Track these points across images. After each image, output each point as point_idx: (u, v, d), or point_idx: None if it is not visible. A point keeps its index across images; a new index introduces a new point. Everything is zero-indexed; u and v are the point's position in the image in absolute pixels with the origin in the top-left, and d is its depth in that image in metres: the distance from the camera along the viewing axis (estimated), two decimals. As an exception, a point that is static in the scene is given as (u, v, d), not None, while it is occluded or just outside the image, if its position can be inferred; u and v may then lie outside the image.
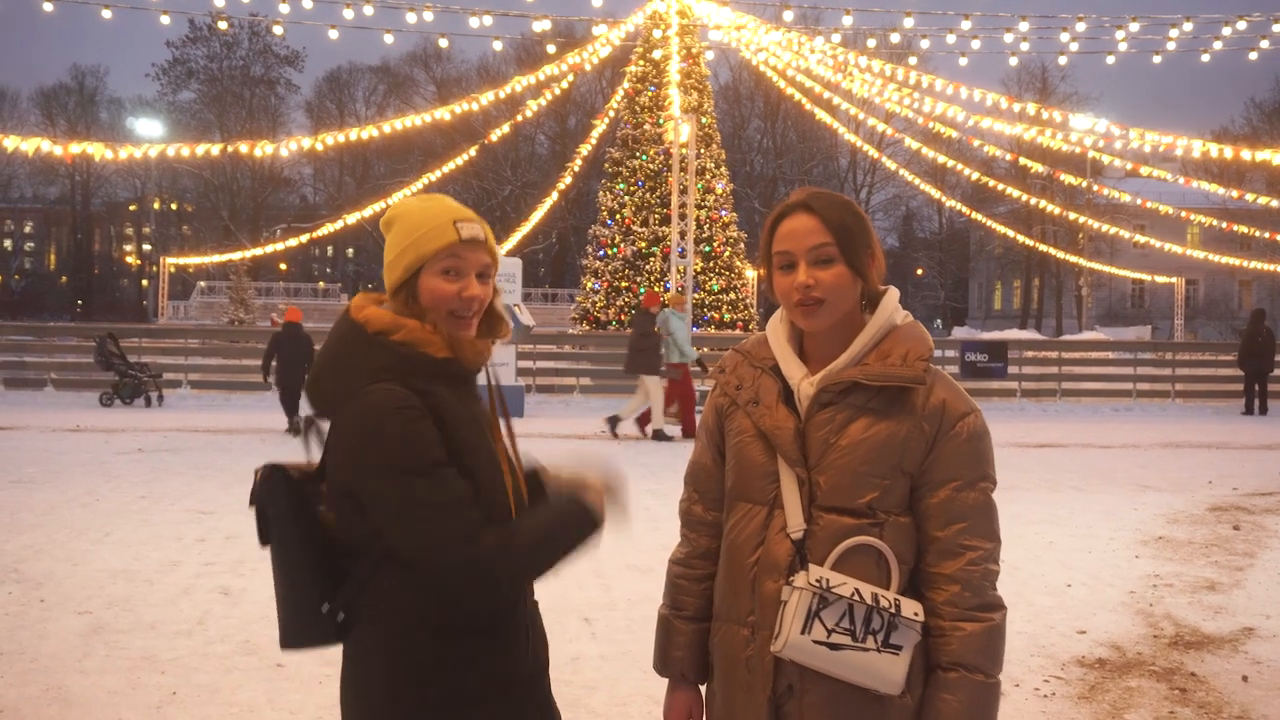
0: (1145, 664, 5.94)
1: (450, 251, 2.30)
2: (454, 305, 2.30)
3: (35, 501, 10.10)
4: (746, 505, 2.36)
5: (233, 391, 22.83)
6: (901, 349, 2.29)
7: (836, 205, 2.33)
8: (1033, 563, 8.27)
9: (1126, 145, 30.36)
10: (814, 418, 2.29)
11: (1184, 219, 43.84)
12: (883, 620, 2.19)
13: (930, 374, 2.30)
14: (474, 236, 2.32)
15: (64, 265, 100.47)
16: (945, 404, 2.29)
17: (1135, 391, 24.79)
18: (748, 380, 2.41)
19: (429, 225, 2.31)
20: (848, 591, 2.18)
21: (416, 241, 2.31)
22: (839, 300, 2.28)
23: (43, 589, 7.04)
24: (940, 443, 2.28)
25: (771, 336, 2.42)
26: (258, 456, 13.35)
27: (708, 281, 30.52)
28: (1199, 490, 12.09)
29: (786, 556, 2.26)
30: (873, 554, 2.24)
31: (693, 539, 2.53)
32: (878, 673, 2.19)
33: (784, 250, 2.31)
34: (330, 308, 70.31)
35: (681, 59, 31.09)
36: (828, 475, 2.26)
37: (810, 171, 79.52)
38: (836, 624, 2.18)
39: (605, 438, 16.39)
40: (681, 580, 2.52)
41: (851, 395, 2.27)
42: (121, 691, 5.21)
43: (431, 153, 61.32)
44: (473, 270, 2.32)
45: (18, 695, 5.12)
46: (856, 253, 2.29)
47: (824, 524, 2.25)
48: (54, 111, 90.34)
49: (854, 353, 2.30)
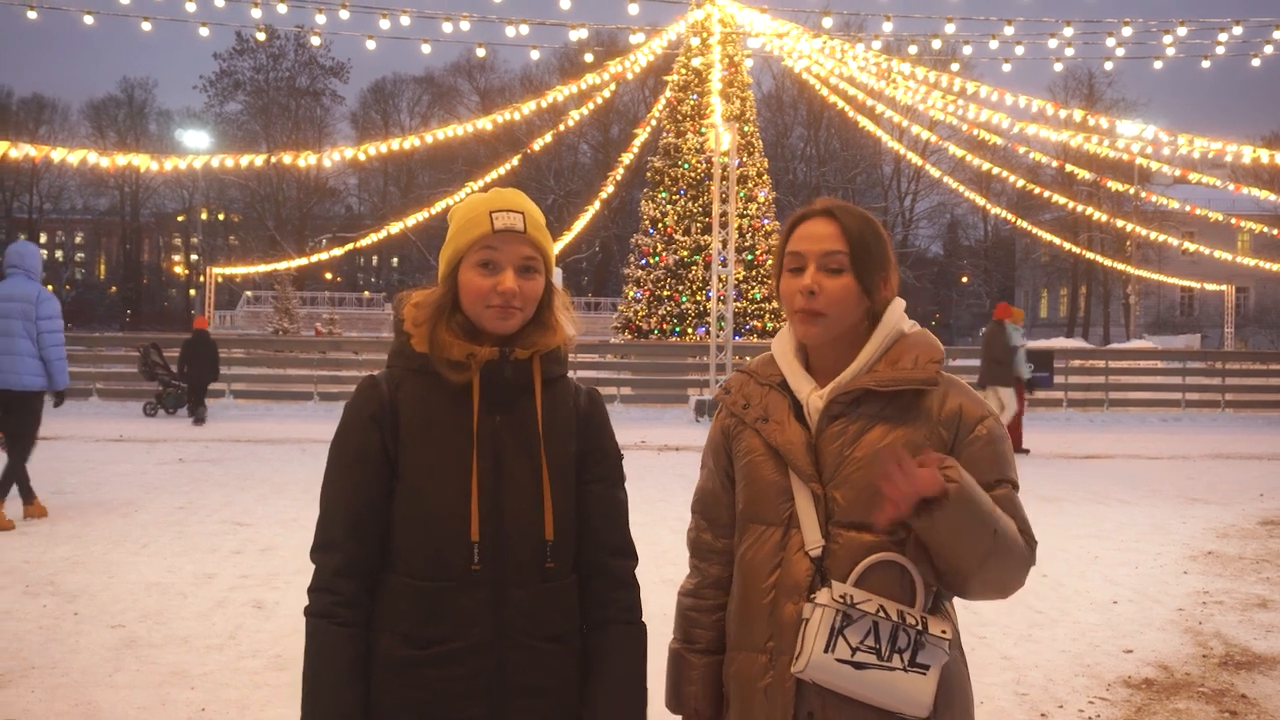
0: (1194, 685, 5.77)
1: (484, 243, 2.21)
2: (489, 299, 2.20)
3: (74, 513, 10.15)
4: (760, 527, 2.28)
5: (276, 401, 22.96)
6: (912, 354, 2.24)
7: (858, 218, 2.27)
8: (1077, 578, 8.10)
9: (1175, 151, 29.94)
10: (826, 431, 2.23)
11: (1234, 225, 43.13)
12: (909, 638, 2.11)
13: (943, 378, 2.24)
14: (509, 226, 2.21)
15: (113, 275, 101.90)
16: (962, 409, 2.22)
17: (1184, 401, 24.46)
18: (755, 398, 2.34)
19: (467, 217, 2.25)
20: (872, 608, 2.10)
21: (455, 234, 2.26)
22: (840, 313, 2.23)
23: (77, 602, 7.04)
24: (960, 448, 2.21)
25: (778, 354, 2.36)
26: (298, 467, 13.43)
27: (750, 290, 30.36)
28: (1250, 503, 11.86)
29: (806, 576, 2.19)
30: (896, 571, 2.16)
31: (703, 569, 2.45)
32: (904, 694, 2.11)
33: (797, 252, 2.26)
34: (375, 316, 70.71)
35: (724, 67, 31.00)
36: (844, 490, 2.19)
37: (854, 180, 79.26)
38: (861, 642, 2.10)
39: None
40: (692, 612, 2.44)
41: (863, 405, 2.22)
42: (150, 708, 5.17)
43: (475, 162, 61.68)
44: (510, 263, 2.21)
45: (47, 710, 5.09)
46: (869, 268, 2.23)
47: (843, 541, 2.18)
48: (104, 123, 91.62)
49: (863, 362, 2.24)
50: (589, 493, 2.32)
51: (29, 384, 9.53)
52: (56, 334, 9.67)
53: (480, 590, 2.17)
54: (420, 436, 2.21)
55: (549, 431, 2.27)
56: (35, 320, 9.53)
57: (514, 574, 2.19)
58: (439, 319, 2.23)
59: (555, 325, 2.30)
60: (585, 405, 2.38)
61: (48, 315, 9.60)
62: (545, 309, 2.29)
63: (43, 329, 9.56)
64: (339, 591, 2.21)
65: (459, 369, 2.20)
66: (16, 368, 9.44)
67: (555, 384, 2.32)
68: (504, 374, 2.23)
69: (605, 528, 2.33)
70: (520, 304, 2.21)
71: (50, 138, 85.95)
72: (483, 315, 2.22)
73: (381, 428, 2.23)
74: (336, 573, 2.22)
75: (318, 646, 2.22)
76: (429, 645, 2.17)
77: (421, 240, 73.08)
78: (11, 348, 9.44)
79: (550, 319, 2.30)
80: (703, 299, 29.72)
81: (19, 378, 9.46)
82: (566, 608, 2.27)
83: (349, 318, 64.79)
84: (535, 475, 2.23)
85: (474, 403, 2.22)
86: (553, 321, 2.30)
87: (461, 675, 2.16)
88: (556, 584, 2.24)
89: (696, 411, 21.16)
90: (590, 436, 2.36)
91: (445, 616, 2.17)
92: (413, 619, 2.18)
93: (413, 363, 2.25)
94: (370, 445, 2.23)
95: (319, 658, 2.22)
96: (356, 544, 2.22)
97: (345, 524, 2.23)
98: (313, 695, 2.22)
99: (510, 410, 2.25)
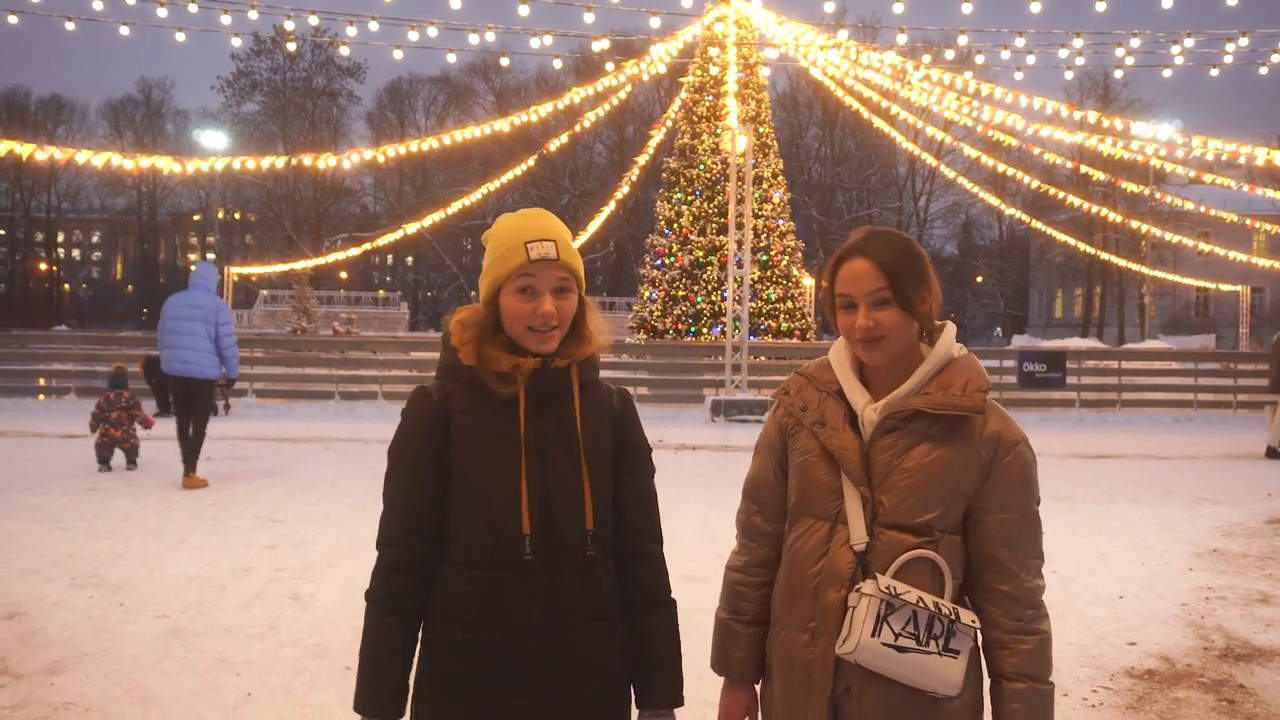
0: (1194, 675, 6.01)
1: (522, 272, 2.45)
2: (530, 322, 2.45)
3: (111, 509, 10.44)
4: (810, 520, 2.56)
5: (296, 400, 23.23)
6: (961, 380, 2.50)
7: (892, 248, 2.52)
8: (1085, 574, 8.34)
9: (1189, 153, 30.04)
10: (878, 441, 2.49)
11: (1249, 226, 43.22)
12: (943, 626, 2.40)
13: (987, 404, 2.51)
14: (544, 256, 2.44)
15: (130, 274, 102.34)
16: (1000, 434, 2.49)
17: (1196, 402, 24.55)
18: (813, 403, 2.61)
19: (505, 247, 2.48)
20: (913, 599, 2.38)
21: (494, 264, 2.50)
22: (898, 337, 2.48)
23: (121, 593, 7.33)
24: (995, 469, 2.48)
25: (835, 364, 2.62)
26: (323, 465, 13.70)
27: (765, 290, 30.55)
28: (1258, 503, 12.05)
29: (849, 568, 2.46)
30: (928, 567, 2.45)
31: (752, 548, 2.72)
32: (938, 674, 2.39)
33: (845, 293, 2.51)
34: (391, 316, 71.00)
35: (739, 69, 31.18)
36: (890, 495, 2.46)
37: (868, 180, 79.34)
38: (903, 628, 2.38)
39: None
40: (741, 587, 2.72)
41: (914, 422, 2.48)
42: (200, 692, 5.45)
43: (491, 162, 61.94)
44: (547, 287, 2.46)
45: (102, 695, 5.37)
46: (908, 294, 2.48)
47: (885, 539, 2.45)
48: (121, 123, 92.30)
49: (915, 383, 2.51)
50: (623, 485, 2.60)
51: (208, 374, 12.05)
52: (230, 335, 12.18)
53: (532, 578, 2.43)
54: (471, 442, 2.48)
55: (587, 431, 2.53)
56: (214, 325, 11.96)
57: (562, 562, 2.46)
58: (484, 336, 2.49)
59: (589, 335, 2.57)
60: (618, 405, 2.65)
61: (225, 321, 12.11)
62: (580, 321, 2.55)
63: (220, 332, 12.02)
64: (393, 584, 2.50)
65: (506, 381, 2.46)
66: (200, 361, 11.91)
67: (591, 387, 2.59)
68: (546, 382, 2.50)
69: (639, 515, 2.62)
70: (558, 323, 2.47)
71: (68, 137, 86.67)
72: (525, 338, 2.47)
73: (434, 435, 2.49)
74: (392, 566, 2.50)
75: (373, 629, 2.52)
76: (488, 629, 2.43)
77: (437, 240, 73.38)
78: (195, 345, 11.89)
79: (584, 330, 2.56)
80: (718, 299, 29.92)
81: (201, 369, 11.95)
82: (608, 590, 2.54)
83: (365, 317, 65.10)
84: (576, 472, 2.49)
85: (520, 409, 2.48)
86: (587, 332, 2.56)
87: (518, 655, 2.43)
88: (599, 570, 2.51)
89: (712, 411, 21.33)
90: (623, 433, 2.63)
91: (501, 603, 2.43)
92: (472, 605, 2.45)
93: (461, 375, 2.50)
94: (424, 452, 2.50)
95: (374, 639, 2.51)
96: (412, 540, 2.50)
97: (403, 523, 2.51)
98: (368, 669, 2.51)
99: (552, 414, 2.51)
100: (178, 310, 12.07)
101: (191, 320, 11.91)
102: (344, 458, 14.59)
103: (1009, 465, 2.48)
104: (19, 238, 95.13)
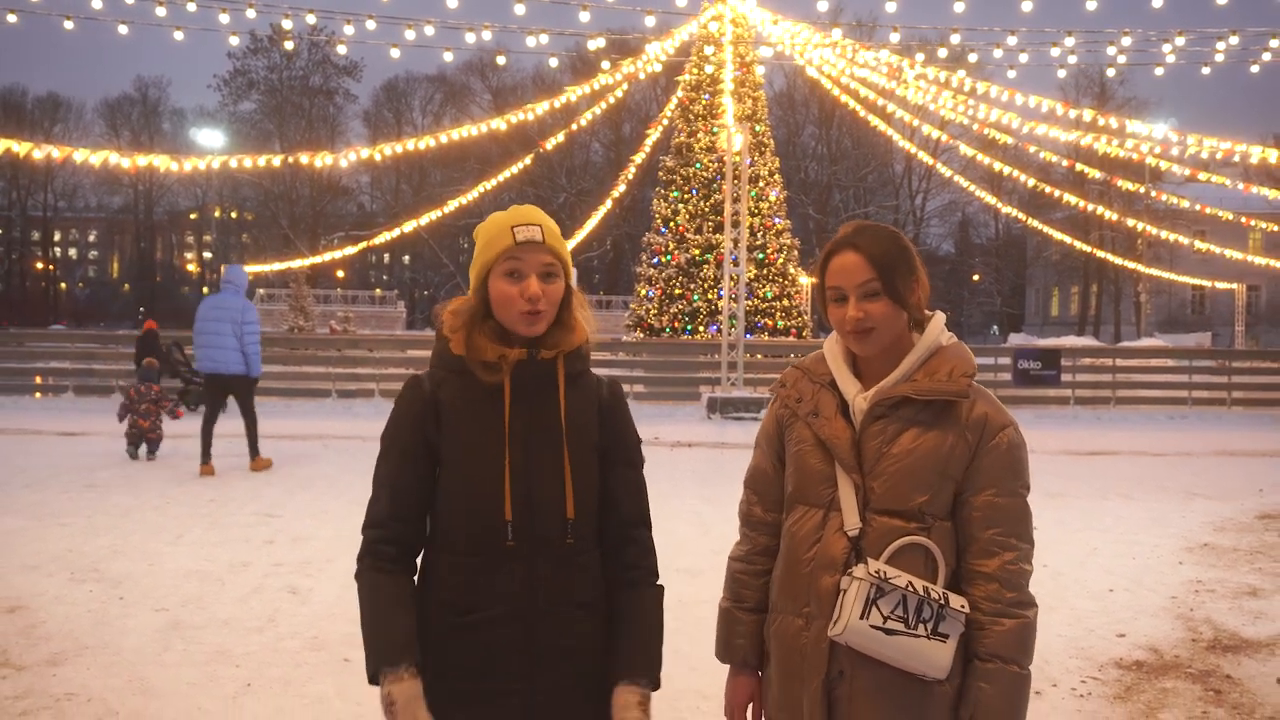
0: (1182, 666, 6.09)
1: (509, 255, 2.51)
2: (517, 304, 2.51)
3: (110, 505, 10.51)
4: (805, 507, 2.63)
5: (294, 398, 23.26)
6: (947, 367, 2.57)
7: (881, 240, 2.59)
8: (1075, 568, 8.41)
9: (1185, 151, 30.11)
10: (868, 429, 2.57)
11: (1245, 224, 43.34)
12: (932, 610, 2.45)
13: (973, 389, 2.57)
14: (529, 239, 2.51)
15: (127, 273, 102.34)
16: (987, 417, 2.56)
17: (1191, 400, 24.63)
18: (807, 394, 2.69)
19: (492, 233, 2.55)
20: (902, 583, 2.45)
21: (481, 250, 2.56)
22: (887, 327, 2.56)
23: (121, 587, 7.40)
24: (982, 452, 2.54)
25: (829, 356, 2.70)
26: (322, 463, 13.77)
27: (761, 289, 30.60)
28: (1249, 498, 12.13)
29: (842, 553, 2.53)
30: (921, 552, 2.51)
31: (753, 537, 2.79)
32: (926, 657, 2.45)
33: (835, 285, 2.59)
34: (388, 314, 71.01)
35: (735, 68, 31.21)
36: (881, 481, 2.53)
37: (865, 178, 79.39)
38: (892, 611, 2.44)
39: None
40: (742, 575, 2.79)
41: (902, 409, 2.55)
42: (199, 683, 5.52)
43: (487, 160, 61.93)
44: (533, 271, 2.51)
45: (103, 686, 5.44)
46: (897, 285, 2.55)
47: (877, 525, 2.52)
48: (118, 122, 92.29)
49: (903, 370, 2.58)
50: (613, 475, 2.65)
51: (235, 370, 12.89)
52: (254, 335, 13.00)
53: (513, 564, 2.49)
54: (459, 430, 2.54)
55: (571, 423, 2.58)
56: (241, 325, 12.81)
57: (543, 549, 2.51)
58: (473, 325, 2.55)
59: (576, 325, 2.61)
60: (607, 397, 2.69)
61: (250, 321, 12.97)
62: (566, 310, 2.60)
63: (245, 332, 12.87)
64: (382, 554, 2.55)
65: (491, 370, 2.52)
66: (227, 359, 12.83)
67: (579, 379, 2.63)
68: (531, 372, 2.55)
69: (630, 504, 2.67)
70: (544, 306, 2.52)
71: (64, 136, 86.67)
72: (514, 321, 2.53)
73: (425, 422, 2.56)
74: (379, 541, 2.56)
75: (369, 588, 2.53)
76: (470, 612, 2.49)
77: (434, 239, 73.37)
78: (223, 344, 12.81)
79: (571, 320, 2.61)
80: (714, 297, 29.95)
81: (228, 366, 12.84)
82: (590, 578, 2.59)
83: (362, 315, 65.14)
84: (558, 461, 2.54)
85: (505, 399, 2.54)
86: (573, 322, 2.61)
87: (499, 639, 2.49)
88: (582, 558, 2.56)
89: (708, 409, 21.39)
90: (611, 424, 2.68)
91: (483, 588, 2.49)
92: (455, 589, 2.51)
93: (452, 364, 2.57)
94: (414, 438, 2.57)
95: (371, 596, 2.52)
96: (397, 524, 2.56)
97: (389, 508, 2.57)
98: (371, 624, 2.50)
99: (537, 404, 2.56)
100: (207, 312, 13.01)
101: (219, 321, 12.83)
102: (341, 455, 14.65)
103: (995, 447, 2.54)
104: (15, 236, 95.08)
